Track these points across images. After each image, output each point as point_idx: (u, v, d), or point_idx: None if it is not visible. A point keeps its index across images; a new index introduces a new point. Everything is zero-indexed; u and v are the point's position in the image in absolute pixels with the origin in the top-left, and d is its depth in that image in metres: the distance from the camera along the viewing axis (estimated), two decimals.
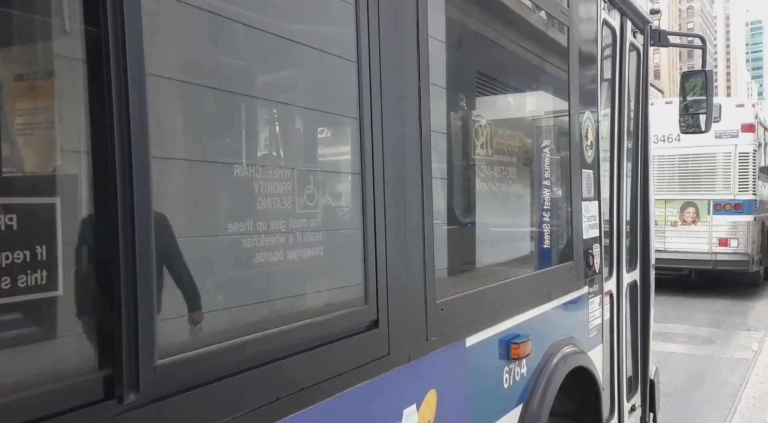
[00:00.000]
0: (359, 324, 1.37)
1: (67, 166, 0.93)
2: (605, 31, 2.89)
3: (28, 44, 0.92)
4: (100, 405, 0.87)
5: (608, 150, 3.04)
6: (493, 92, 2.69)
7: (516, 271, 2.30)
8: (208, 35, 1.14)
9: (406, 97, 1.53)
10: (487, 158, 2.30)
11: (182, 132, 1.09)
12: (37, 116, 0.92)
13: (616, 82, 3.05)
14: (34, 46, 0.92)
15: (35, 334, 0.88)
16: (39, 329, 0.88)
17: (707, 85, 3.51)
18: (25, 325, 0.86)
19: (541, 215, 2.59)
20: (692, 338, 7.34)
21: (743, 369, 5.97)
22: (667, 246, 10.03)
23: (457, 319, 1.74)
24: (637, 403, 3.41)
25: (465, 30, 2.29)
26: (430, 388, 1.61)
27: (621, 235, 3.08)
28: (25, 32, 0.90)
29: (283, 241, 1.23)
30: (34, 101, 0.91)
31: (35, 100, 0.91)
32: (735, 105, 10.21)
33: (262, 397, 1.10)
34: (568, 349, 2.39)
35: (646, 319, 3.48)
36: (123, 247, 0.88)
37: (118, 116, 0.88)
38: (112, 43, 0.87)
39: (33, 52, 0.92)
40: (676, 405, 5.07)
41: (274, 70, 1.32)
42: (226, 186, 1.16)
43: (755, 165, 10.04)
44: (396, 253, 1.46)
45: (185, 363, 0.98)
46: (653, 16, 3.73)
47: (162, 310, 0.95)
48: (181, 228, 1.07)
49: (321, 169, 1.40)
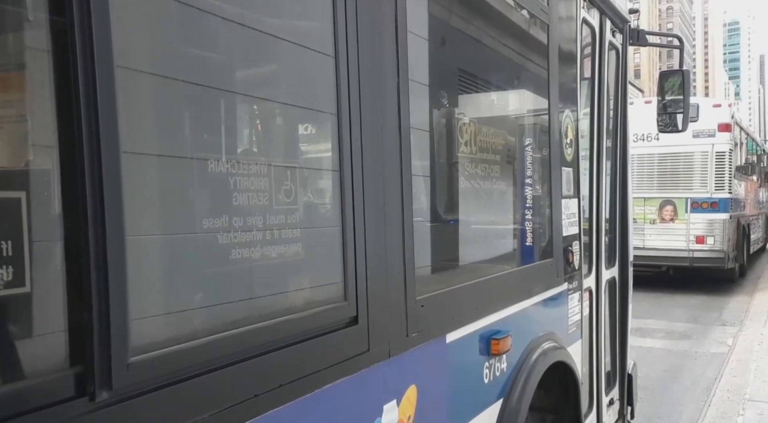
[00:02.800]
0: (339, 320, 1.37)
1: (34, 160, 0.91)
2: (585, 29, 2.92)
3: None
4: (71, 402, 0.85)
5: (588, 148, 3.08)
6: (473, 90, 2.70)
7: (496, 268, 2.32)
8: (182, 27, 1.12)
9: (385, 92, 1.52)
10: (468, 156, 2.31)
11: (154, 126, 1.07)
12: (1, 109, 0.90)
13: (595, 80, 3.08)
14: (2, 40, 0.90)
15: (2, 331, 0.86)
16: (6, 326, 0.86)
17: (684, 85, 3.56)
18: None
19: (521, 213, 2.61)
20: (670, 334, 7.48)
21: (718, 363, 6.10)
22: (646, 243, 10.20)
23: (438, 316, 1.75)
24: (616, 397, 3.47)
25: (445, 27, 2.29)
26: (410, 383, 1.61)
27: (600, 232, 3.12)
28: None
29: (260, 238, 1.21)
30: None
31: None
32: (712, 105, 10.42)
33: (239, 394, 1.09)
34: (548, 344, 2.42)
35: (625, 315, 3.54)
36: (93, 242, 0.86)
37: (86, 109, 0.86)
38: (78, 34, 0.85)
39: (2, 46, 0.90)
40: (653, 398, 5.16)
41: (249, 64, 1.30)
42: (200, 182, 1.14)
43: (731, 164, 10.25)
44: (376, 249, 1.46)
45: (159, 360, 0.96)
46: (632, 16, 3.77)
47: (135, 306, 0.94)
48: (155, 224, 1.06)
49: (299, 165, 1.39)
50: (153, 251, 1.05)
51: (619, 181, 3.47)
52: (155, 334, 1.02)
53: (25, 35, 0.89)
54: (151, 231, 1.04)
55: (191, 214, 1.12)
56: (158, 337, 1.01)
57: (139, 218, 0.98)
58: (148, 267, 1.04)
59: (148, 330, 1.00)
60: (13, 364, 0.85)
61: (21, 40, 0.90)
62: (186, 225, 1.10)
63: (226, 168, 1.15)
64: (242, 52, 1.27)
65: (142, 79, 1.02)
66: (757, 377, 5.31)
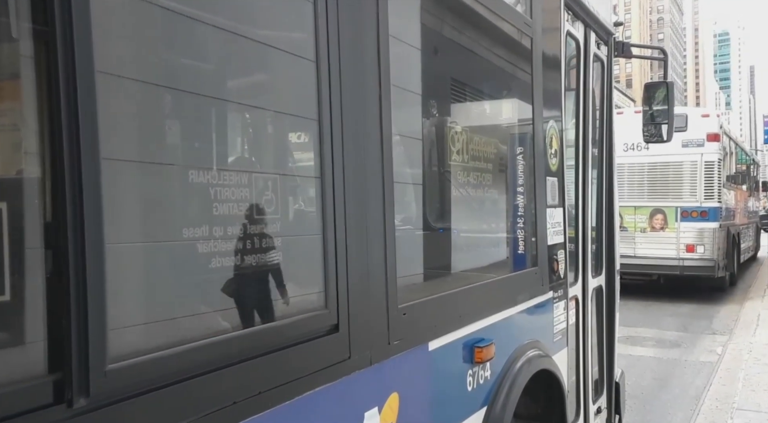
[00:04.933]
0: (319, 328, 1.38)
1: (12, 167, 0.92)
2: (569, 42, 2.97)
3: None
4: (49, 409, 0.86)
5: (574, 158, 3.12)
6: (461, 100, 2.73)
7: (480, 277, 2.34)
8: (163, 34, 1.13)
9: (367, 98, 1.53)
10: (454, 164, 2.34)
11: (134, 133, 1.08)
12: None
13: (580, 91, 3.13)
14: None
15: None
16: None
17: (668, 96, 3.62)
18: None
19: (506, 221, 2.64)
20: (660, 342, 7.51)
21: (708, 372, 6.13)
22: (637, 252, 10.26)
23: (420, 324, 1.77)
24: (603, 406, 3.48)
25: (431, 37, 2.32)
26: (392, 391, 1.62)
27: (586, 241, 3.15)
28: None
29: (240, 246, 1.22)
30: None
31: None
32: (701, 115, 10.54)
33: (217, 401, 1.10)
34: (533, 352, 2.44)
35: (612, 324, 3.56)
36: (73, 250, 0.87)
37: (66, 116, 0.86)
38: (60, 40, 0.86)
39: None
40: (642, 407, 5.18)
41: (229, 69, 1.31)
42: (181, 189, 1.15)
43: (720, 173, 10.35)
44: (357, 257, 1.47)
45: (137, 367, 0.97)
46: (617, 28, 3.84)
47: (114, 314, 0.95)
48: (135, 232, 1.07)
49: (280, 173, 1.40)
50: (133, 259, 1.06)
51: (606, 191, 3.50)
52: (134, 341, 1.03)
53: (9, 45, 0.91)
54: (131, 239, 1.05)
55: (171, 222, 1.13)
56: (137, 344, 1.02)
57: (118, 226, 0.99)
58: (127, 275, 1.05)
59: (126, 337, 1.01)
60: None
61: (5, 50, 0.92)
62: (166, 233, 1.12)
63: (207, 176, 1.16)
64: (223, 58, 1.28)
65: (122, 85, 1.02)
66: (745, 386, 5.35)
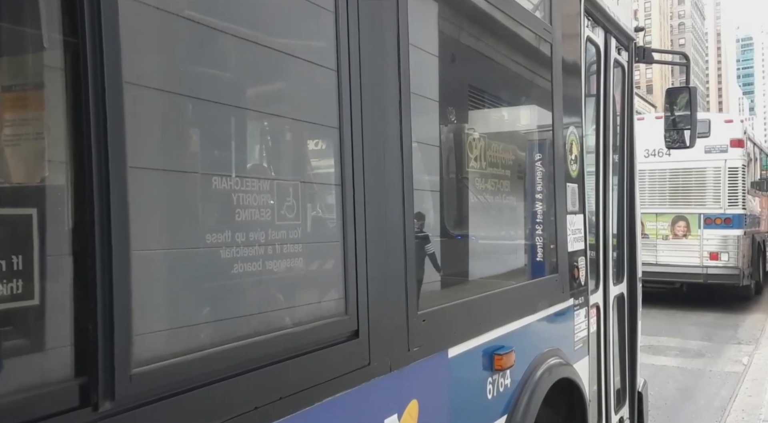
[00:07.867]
0: (339, 334, 1.38)
1: (43, 176, 0.94)
2: (589, 48, 2.95)
3: (5, 56, 0.93)
4: (75, 412, 0.88)
5: (594, 164, 3.09)
6: (480, 106, 2.73)
7: (500, 283, 2.32)
8: (187, 44, 1.16)
9: (386, 107, 1.54)
10: (473, 171, 2.33)
11: (160, 142, 1.10)
12: (11, 127, 0.94)
13: (600, 97, 3.10)
14: (11, 58, 0.94)
15: (10, 342, 0.89)
16: (14, 338, 0.89)
17: (691, 101, 3.57)
18: (1, 333, 0.87)
19: (526, 228, 2.62)
20: (683, 351, 7.36)
21: (733, 382, 5.98)
22: (659, 259, 10.09)
23: (440, 330, 1.76)
24: (626, 416, 3.42)
25: (449, 44, 2.33)
26: (411, 398, 1.62)
27: (607, 248, 3.11)
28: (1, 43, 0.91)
29: (262, 252, 1.24)
30: (8, 112, 0.92)
31: (10, 111, 0.93)
32: (724, 120, 10.35)
33: (239, 406, 1.11)
34: (553, 360, 2.41)
35: (634, 332, 3.50)
36: (100, 256, 0.89)
37: (95, 126, 0.89)
38: (90, 52, 0.88)
39: (9, 64, 0.94)
40: (666, 418, 5.07)
41: (253, 79, 1.33)
42: (204, 197, 1.17)
43: (744, 179, 10.15)
44: (377, 264, 1.48)
45: (162, 372, 0.99)
46: (637, 34, 3.80)
47: (139, 319, 0.96)
48: (160, 238, 1.09)
49: (301, 180, 1.41)
50: (157, 265, 1.08)
51: (627, 197, 3.46)
52: (158, 346, 1.04)
53: (36, 53, 0.93)
54: (156, 245, 1.07)
55: (195, 229, 1.15)
56: (161, 349, 1.04)
57: (144, 232, 1.01)
58: (152, 280, 1.06)
59: (151, 342, 1.02)
60: (19, 374, 0.88)
61: (35, 60, 0.94)
62: (190, 239, 1.13)
63: (231, 183, 1.18)
64: (246, 68, 1.30)
65: (149, 95, 1.05)
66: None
